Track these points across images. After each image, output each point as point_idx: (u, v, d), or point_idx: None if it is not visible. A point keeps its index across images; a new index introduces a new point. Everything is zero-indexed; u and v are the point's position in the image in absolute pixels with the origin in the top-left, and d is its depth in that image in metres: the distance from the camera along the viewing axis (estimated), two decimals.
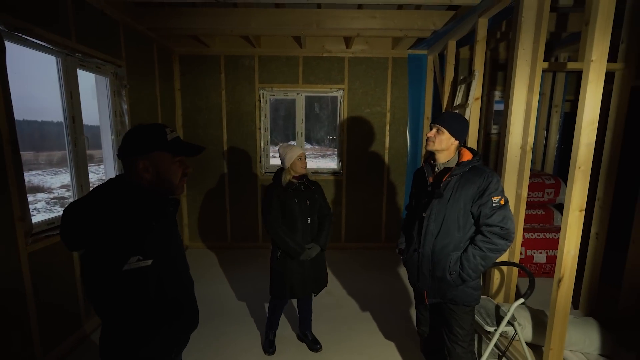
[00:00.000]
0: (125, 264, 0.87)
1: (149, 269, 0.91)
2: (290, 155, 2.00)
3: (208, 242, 4.28)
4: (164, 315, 1.00)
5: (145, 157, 0.96)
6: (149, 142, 0.97)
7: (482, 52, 2.79)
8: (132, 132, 0.99)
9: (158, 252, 0.96)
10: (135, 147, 0.97)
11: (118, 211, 0.91)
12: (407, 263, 1.69)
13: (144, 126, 1.00)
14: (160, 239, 0.99)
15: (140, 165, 0.96)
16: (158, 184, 1.00)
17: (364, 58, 3.98)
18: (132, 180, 0.99)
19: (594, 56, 1.67)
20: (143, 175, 0.97)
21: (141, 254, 0.90)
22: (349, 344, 2.36)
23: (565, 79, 4.06)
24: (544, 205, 3.83)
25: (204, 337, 2.43)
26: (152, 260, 0.92)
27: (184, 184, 1.06)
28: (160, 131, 0.99)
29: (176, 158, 1.01)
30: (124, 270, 0.87)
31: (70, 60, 2.27)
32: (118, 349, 0.95)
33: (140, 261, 0.89)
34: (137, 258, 0.88)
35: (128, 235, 0.90)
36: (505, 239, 1.43)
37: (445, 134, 1.53)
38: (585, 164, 1.75)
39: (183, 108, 4.02)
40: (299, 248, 2.00)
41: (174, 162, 1.01)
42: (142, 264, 0.89)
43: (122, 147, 0.99)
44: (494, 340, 1.86)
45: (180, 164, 1.03)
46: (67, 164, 2.37)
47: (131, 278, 0.88)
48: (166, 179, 1.00)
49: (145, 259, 0.90)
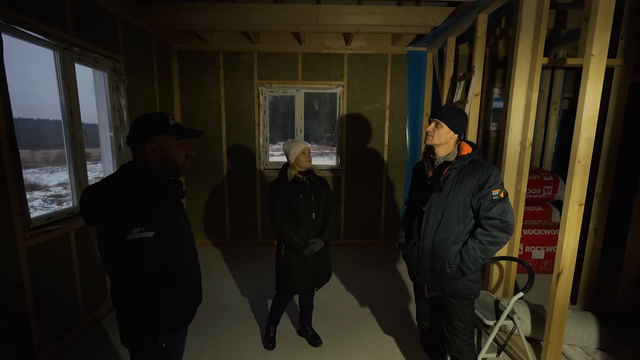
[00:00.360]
0: (129, 234, 0.99)
1: (151, 240, 1.02)
2: (294, 150, 2.01)
3: (207, 238, 4.27)
4: (165, 283, 1.10)
5: (152, 140, 1.10)
6: (154, 127, 1.10)
7: (481, 48, 2.79)
8: (138, 120, 1.13)
9: (161, 228, 1.06)
10: (142, 132, 1.10)
11: (126, 191, 1.04)
12: (406, 257, 1.69)
13: (148, 114, 1.13)
14: (164, 217, 1.09)
15: (149, 147, 1.09)
16: (165, 165, 1.13)
17: (363, 55, 3.97)
18: (141, 165, 1.11)
19: (594, 51, 1.67)
20: (151, 157, 1.11)
21: (144, 226, 1.01)
22: (349, 339, 2.36)
23: (564, 76, 4.07)
24: (542, 202, 3.84)
25: (203, 333, 2.42)
26: (154, 233, 1.03)
27: (187, 165, 1.18)
28: (163, 117, 1.12)
29: (179, 141, 1.14)
30: (128, 240, 0.99)
31: (68, 54, 2.25)
32: (127, 307, 1.08)
33: (142, 232, 1.00)
34: (140, 229, 1.00)
35: (133, 210, 1.02)
36: (505, 231, 1.44)
37: (444, 127, 1.52)
38: (585, 158, 1.75)
39: (182, 104, 4.00)
40: (302, 242, 2.00)
41: (178, 144, 1.14)
42: (144, 234, 1.01)
43: (131, 134, 1.12)
44: (494, 333, 1.87)
45: (183, 146, 1.16)
46: (65, 161, 2.35)
47: (134, 246, 1.00)
48: (172, 160, 1.13)
49: (147, 231, 1.01)
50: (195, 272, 1.26)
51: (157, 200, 1.07)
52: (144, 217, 1.02)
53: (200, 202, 4.19)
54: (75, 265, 2.31)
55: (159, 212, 1.06)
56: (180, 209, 1.20)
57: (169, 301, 1.12)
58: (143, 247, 1.01)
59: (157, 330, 1.11)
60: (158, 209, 1.06)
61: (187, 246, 1.20)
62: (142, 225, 1.01)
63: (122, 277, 1.04)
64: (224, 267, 3.62)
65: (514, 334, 1.95)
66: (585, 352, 2.16)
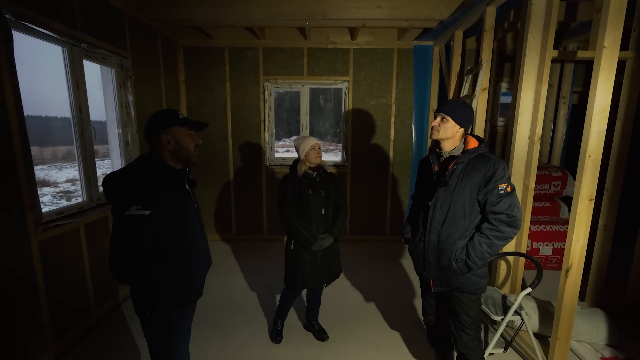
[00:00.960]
0: (127, 210, 1.12)
1: (147, 218, 1.14)
2: (304, 145, 2.02)
3: (214, 234, 4.31)
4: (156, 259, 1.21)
5: (167, 132, 1.25)
6: (168, 120, 1.26)
7: (489, 41, 2.75)
8: (152, 116, 1.29)
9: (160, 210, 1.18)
10: (158, 125, 1.25)
11: (132, 175, 1.20)
12: (412, 252, 1.69)
13: (160, 111, 1.30)
14: (166, 201, 1.20)
15: (164, 138, 1.25)
16: (178, 154, 1.28)
17: (369, 49, 3.94)
18: (153, 156, 1.27)
19: (607, 42, 1.63)
20: (167, 146, 1.26)
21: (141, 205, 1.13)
22: (355, 334, 2.37)
23: (574, 70, 3.99)
24: (550, 198, 3.80)
25: (212, 326, 2.45)
26: (150, 212, 1.14)
27: (197, 153, 1.33)
28: (173, 112, 1.29)
29: (189, 131, 1.29)
30: (126, 215, 1.12)
31: (76, 51, 2.27)
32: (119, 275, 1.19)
33: (139, 210, 1.13)
34: (137, 207, 1.13)
35: (134, 191, 1.15)
36: (512, 226, 1.42)
37: (449, 122, 1.51)
38: (596, 152, 1.73)
39: (187, 100, 4.02)
40: (311, 237, 2.01)
41: (188, 135, 1.29)
42: (140, 212, 1.13)
43: (147, 128, 1.27)
44: (501, 329, 1.87)
45: (192, 137, 1.31)
46: (75, 157, 2.38)
47: (130, 221, 1.13)
48: (184, 148, 1.28)
49: (143, 209, 1.13)
50: (196, 257, 1.34)
51: (161, 184, 1.20)
52: (143, 197, 1.14)
53: (206, 198, 4.22)
54: (85, 259, 2.35)
55: (161, 196, 1.18)
56: (186, 196, 1.31)
57: (157, 278, 1.23)
58: (138, 223, 1.13)
59: (155, 303, 1.26)
60: (160, 193, 1.18)
61: (188, 231, 1.30)
62: (140, 204, 1.13)
63: (117, 248, 1.15)
64: (233, 262, 3.65)
65: (522, 329, 1.94)
66: (594, 349, 2.14)
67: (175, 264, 1.27)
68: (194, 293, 1.37)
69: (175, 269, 1.27)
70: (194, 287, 1.36)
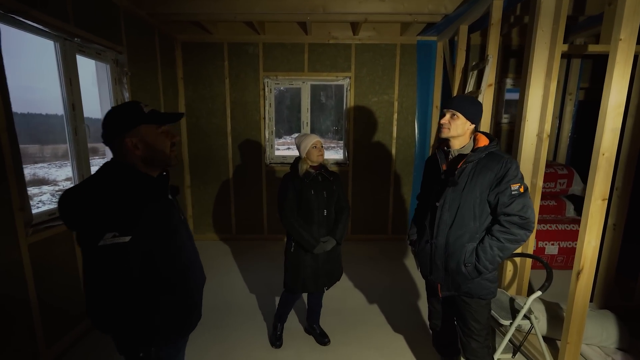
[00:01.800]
0: (100, 240, 0.87)
1: (129, 245, 0.90)
2: (305, 143, 1.93)
3: (213, 233, 4.24)
4: (154, 290, 1.00)
5: (131, 134, 0.98)
6: (130, 118, 0.99)
7: (496, 36, 2.66)
8: (109, 115, 1.01)
9: (147, 230, 0.95)
10: (118, 127, 0.99)
11: (101, 192, 0.93)
12: (419, 255, 1.62)
13: (119, 106, 1.02)
14: (151, 218, 0.97)
15: (129, 143, 0.98)
16: (152, 158, 1.02)
17: (371, 45, 3.85)
18: (123, 162, 1.00)
19: (623, 35, 1.55)
20: (134, 152, 0.99)
21: (118, 231, 0.89)
22: (357, 337, 2.31)
23: (581, 65, 3.90)
24: (556, 196, 3.72)
25: (210, 330, 2.39)
26: (132, 238, 0.90)
27: (175, 153, 1.09)
28: (135, 106, 1.01)
29: (160, 128, 1.03)
30: (99, 246, 0.87)
31: (69, 45, 2.19)
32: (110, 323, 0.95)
33: (115, 237, 0.88)
34: (113, 234, 0.88)
35: (106, 213, 0.90)
36: (524, 228, 1.35)
37: (460, 118, 1.44)
38: (610, 150, 1.65)
39: (186, 97, 3.94)
40: (313, 240, 1.92)
41: (159, 133, 1.03)
42: (118, 240, 0.88)
43: (105, 131, 1.00)
44: (509, 334, 1.80)
45: (166, 134, 1.05)
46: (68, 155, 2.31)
47: (107, 253, 0.88)
48: (158, 150, 1.03)
49: (121, 235, 0.88)
50: (194, 274, 1.15)
51: (140, 199, 0.95)
52: (119, 220, 0.90)
53: (206, 197, 4.15)
54: (78, 262, 2.28)
55: (143, 214, 0.95)
56: (172, 209, 1.08)
57: (160, 310, 1.02)
58: (118, 254, 0.88)
59: (151, 341, 1.02)
60: (141, 210, 0.94)
61: (182, 247, 1.09)
62: (116, 229, 0.88)
63: (95, 291, 0.90)
64: (232, 262, 3.58)
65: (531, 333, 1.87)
66: (604, 353, 2.08)
67: (177, 286, 1.07)
68: (195, 317, 1.18)
69: (178, 292, 1.08)
70: (196, 311, 1.18)
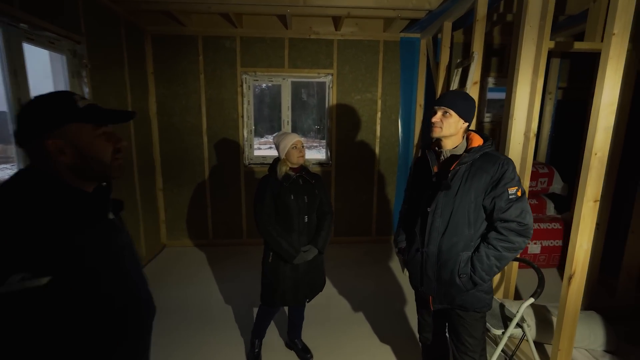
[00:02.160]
0: (1, 285, 0.62)
1: (48, 290, 0.66)
2: (285, 143, 1.76)
3: (187, 239, 4.00)
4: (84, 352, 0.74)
5: (56, 135, 0.73)
6: (55, 114, 0.73)
7: (481, 32, 2.59)
8: (27, 107, 0.74)
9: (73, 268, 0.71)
10: (38, 125, 0.73)
11: (8, 214, 0.66)
12: (408, 264, 1.50)
13: (43, 95, 0.75)
14: (86, 253, 0.73)
15: (51, 146, 0.72)
16: (83, 167, 0.77)
17: (354, 41, 3.73)
18: (43, 172, 0.74)
19: (616, 29, 1.49)
20: (58, 159, 0.73)
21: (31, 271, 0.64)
22: (342, 350, 2.18)
23: (560, 65, 3.94)
24: (537, 195, 3.74)
25: (181, 346, 2.19)
26: (51, 278, 0.66)
27: (119, 163, 0.83)
28: (66, 98, 0.75)
29: (99, 130, 0.78)
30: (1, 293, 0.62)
31: (13, 32, 1.93)
32: None
33: (25, 280, 0.63)
34: (21, 276, 0.63)
35: (17, 245, 0.65)
36: (523, 235, 1.26)
37: (453, 116, 1.32)
38: (602, 149, 1.58)
39: (157, 94, 3.68)
40: (293, 250, 1.75)
41: (97, 135, 0.78)
42: (30, 283, 0.63)
43: (19, 128, 0.74)
44: (502, 344, 1.71)
45: (108, 137, 0.80)
46: (14, 157, 2.04)
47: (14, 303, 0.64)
48: (92, 158, 0.77)
49: (36, 277, 0.64)
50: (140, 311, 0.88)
51: (65, 224, 0.71)
52: (32, 255, 0.65)
53: (180, 200, 3.90)
54: None
55: (70, 246, 0.70)
56: (113, 233, 0.83)
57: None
58: (29, 302, 0.65)
59: None
60: (66, 240, 0.70)
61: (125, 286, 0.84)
62: (27, 268, 0.64)
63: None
64: (208, 270, 3.36)
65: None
66: (592, 356, 2.04)
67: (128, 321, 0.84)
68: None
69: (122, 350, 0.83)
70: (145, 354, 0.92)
